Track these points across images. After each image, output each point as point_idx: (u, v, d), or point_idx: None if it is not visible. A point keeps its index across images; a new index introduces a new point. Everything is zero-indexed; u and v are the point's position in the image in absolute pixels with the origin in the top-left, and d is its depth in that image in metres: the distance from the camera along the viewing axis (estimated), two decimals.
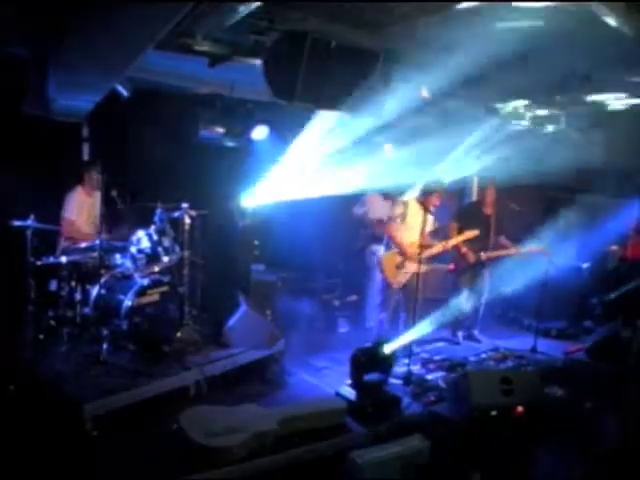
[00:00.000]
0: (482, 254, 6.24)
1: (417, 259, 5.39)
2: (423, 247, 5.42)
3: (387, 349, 4.69)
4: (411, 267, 5.71)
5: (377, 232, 6.71)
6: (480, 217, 6.35)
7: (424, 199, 5.84)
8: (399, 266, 5.77)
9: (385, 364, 4.70)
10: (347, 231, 7.25)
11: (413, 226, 5.71)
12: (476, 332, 6.48)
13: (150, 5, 2.49)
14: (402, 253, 5.77)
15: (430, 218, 5.80)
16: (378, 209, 6.75)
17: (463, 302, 6.27)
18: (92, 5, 2.57)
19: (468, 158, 6.88)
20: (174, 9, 2.59)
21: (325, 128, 5.74)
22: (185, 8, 2.69)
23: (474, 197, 8.50)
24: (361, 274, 6.83)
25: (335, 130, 5.78)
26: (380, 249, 6.11)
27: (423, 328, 5.54)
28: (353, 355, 4.61)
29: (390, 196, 6.64)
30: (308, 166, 6.33)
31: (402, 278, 5.77)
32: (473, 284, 6.41)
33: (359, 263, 6.86)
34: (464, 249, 6.23)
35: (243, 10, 3.13)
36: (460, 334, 6.43)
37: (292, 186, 6.34)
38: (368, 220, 6.91)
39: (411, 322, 5.41)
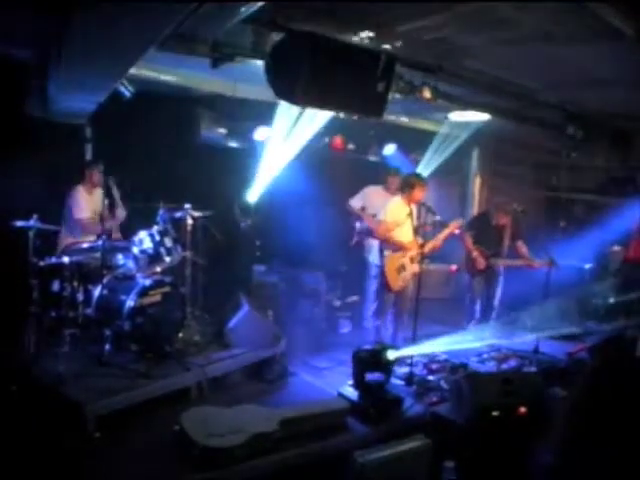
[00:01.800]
0: (493, 261, 6.31)
1: (418, 258, 5.39)
2: (419, 245, 5.40)
3: (391, 354, 4.66)
4: (411, 268, 5.66)
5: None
6: (490, 226, 6.42)
7: (407, 195, 5.65)
8: (399, 269, 5.64)
9: (387, 366, 4.69)
10: (348, 231, 7.24)
11: (404, 226, 5.64)
12: (484, 332, 6.47)
13: (152, 6, 2.49)
14: (404, 254, 5.63)
15: (414, 214, 5.68)
16: (379, 204, 6.44)
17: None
18: (93, 6, 2.58)
19: None
20: (176, 10, 2.59)
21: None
22: (187, 9, 2.69)
23: (476, 186, 8.61)
24: (361, 273, 6.81)
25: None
26: (375, 245, 6.04)
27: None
28: (354, 355, 4.61)
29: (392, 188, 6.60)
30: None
31: (402, 282, 5.68)
32: (486, 288, 6.47)
33: (359, 262, 6.84)
34: (475, 253, 6.29)
35: (245, 10, 3.13)
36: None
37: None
38: (366, 216, 6.70)
39: (409, 323, 5.41)
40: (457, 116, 6.50)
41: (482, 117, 6.33)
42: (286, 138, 5.97)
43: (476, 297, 6.56)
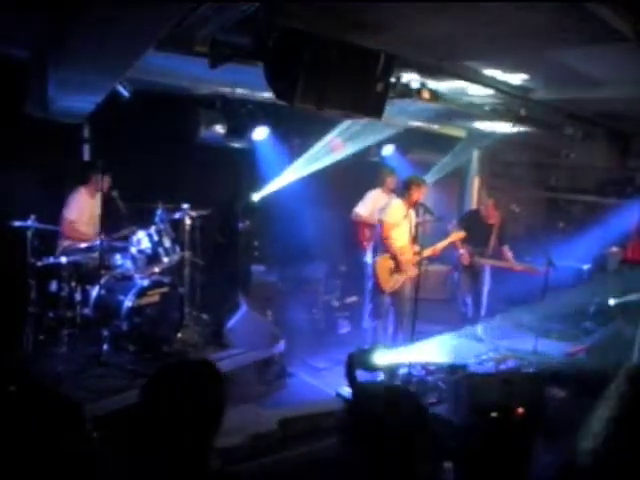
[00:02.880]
0: (477, 258, 6.42)
1: (412, 264, 5.43)
2: (415, 252, 5.42)
3: (385, 357, 4.64)
4: (405, 271, 5.63)
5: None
6: (479, 224, 6.47)
7: (407, 197, 5.61)
8: (392, 271, 5.61)
9: (382, 368, 4.68)
10: (348, 232, 7.24)
11: (401, 228, 5.62)
12: (479, 331, 6.49)
13: (151, 5, 2.49)
14: (394, 258, 5.58)
15: (413, 218, 5.65)
16: (382, 206, 6.24)
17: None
18: (92, 6, 2.57)
19: None
20: (175, 9, 2.59)
21: None
22: (186, 8, 2.69)
23: (475, 187, 8.64)
24: (360, 273, 6.80)
25: None
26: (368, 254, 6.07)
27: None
28: (348, 355, 4.61)
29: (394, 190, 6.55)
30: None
31: (395, 283, 5.65)
32: (473, 284, 6.56)
33: (358, 262, 6.83)
34: (461, 250, 6.37)
35: (244, 10, 3.13)
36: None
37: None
38: (374, 221, 6.38)
39: (406, 327, 5.42)
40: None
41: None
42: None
43: (465, 293, 6.67)
